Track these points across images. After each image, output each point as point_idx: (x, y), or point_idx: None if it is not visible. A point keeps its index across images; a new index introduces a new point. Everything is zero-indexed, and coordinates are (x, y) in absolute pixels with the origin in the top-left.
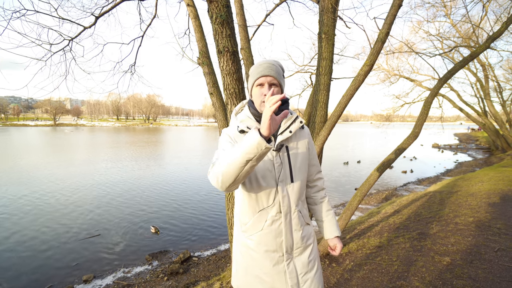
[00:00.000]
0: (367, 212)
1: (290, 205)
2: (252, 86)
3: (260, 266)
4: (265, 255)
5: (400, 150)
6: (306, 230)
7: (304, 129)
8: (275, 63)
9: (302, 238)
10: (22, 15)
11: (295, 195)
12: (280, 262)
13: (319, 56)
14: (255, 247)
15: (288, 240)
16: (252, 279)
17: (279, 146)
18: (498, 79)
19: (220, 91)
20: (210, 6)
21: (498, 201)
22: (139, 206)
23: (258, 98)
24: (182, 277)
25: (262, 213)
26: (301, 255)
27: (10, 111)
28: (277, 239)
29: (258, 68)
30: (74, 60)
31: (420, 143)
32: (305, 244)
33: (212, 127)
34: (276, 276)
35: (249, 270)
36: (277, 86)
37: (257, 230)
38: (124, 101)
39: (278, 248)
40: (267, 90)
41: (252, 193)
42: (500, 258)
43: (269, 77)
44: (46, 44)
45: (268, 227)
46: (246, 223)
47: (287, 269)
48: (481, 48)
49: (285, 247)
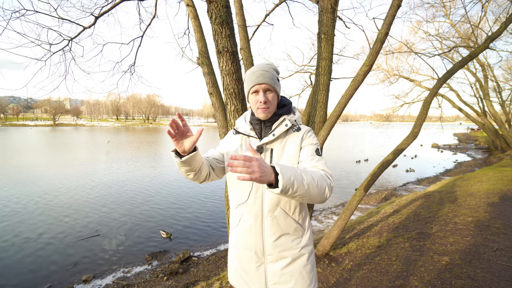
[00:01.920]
0: (366, 212)
1: (263, 209)
2: (248, 93)
3: (238, 259)
4: (241, 250)
5: (399, 150)
6: (284, 240)
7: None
8: (269, 69)
9: (276, 246)
10: (22, 15)
11: (271, 199)
12: (252, 261)
13: (319, 56)
14: (234, 241)
15: (257, 243)
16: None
17: (259, 148)
18: (497, 79)
19: (219, 91)
20: (210, 6)
21: (497, 201)
22: (138, 206)
23: (254, 104)
24: (181, 277)
25: (239, 208)
26: (274, 263)
27: (10, 111)
28: (248, 237)
29: (252, 76)
30: (73, 60)
31: (419, 143)
32: (279, 254)
33: (212, 127)
34: (249, 273)
35: (232, 263)
36: (272, 91)
37: (235, 224)
38: (124, 101)
39: (250, 246)
40: (262, 98)
41: (232, 187)
42: (498, 258)
43: (264, 85)
44: (45, 44)
45: (242, 223)
46: (231, 215)
47: (257, 271)
48: (480, 48)
49: (255, 249)
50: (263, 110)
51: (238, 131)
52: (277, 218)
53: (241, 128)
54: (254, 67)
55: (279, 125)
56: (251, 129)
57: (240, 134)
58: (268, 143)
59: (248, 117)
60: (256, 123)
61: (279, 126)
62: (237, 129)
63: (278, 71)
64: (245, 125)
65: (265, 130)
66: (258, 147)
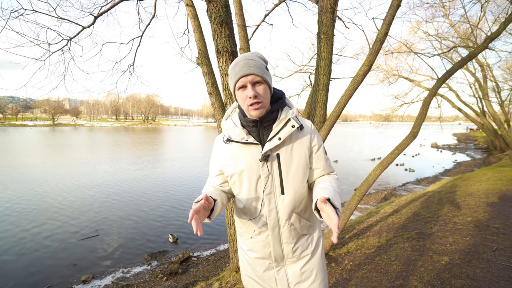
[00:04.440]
0: (366, 212)
1: (279, 219)
2: (234, 89)
3: (253, 269)
4: (256, 260)
5: (398, 150)
6: (301, 242)
7: (304, 129)
8: (254, 57)
9: (294, 251)
10: (21, 15)
11: (286, 208)
12: (270, 268)
13: (318, 56)
14: (248, 252)
15: (277, 251)
16: (249, 280)
17: (265, 157)
18: (497, 79)
19: (219, 91)
20: (209, 6)
21: (497, 201)
22: (138, 206)
23: (243, 102)
24: (181, 277)
25: (251, 222)
26: (294, 264)
27: (9, 111)
28: (265, 249)
29: (235, 68)
30: (72, 60)
31: (419, 143)
32: (299, 256)
33: (212, 127)
34: (268, 281)
35: (246, 271)
36: (262, 83)
37: (248, 237)
38: (123, 101)
39: (267, 256)
40: (251, 92)
41: (240, 203)
42: (498, 258)
43: (250, 76)
44: (44, 44)
45: (256, 236)
46: (240, 227)
47: (277, 276)
48: (480, 48)
49: (273, 256)
50: (255, 107)
51: (231, 139)
52: (293, 224)
53: (235, 135)
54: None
55: (284, 127)
56: (247, 134)
57: (233, 143)
58: (273, 148)
59: (237, 120)
60: (251, 125)
61: (284, 128)
62: (230, 138)
63: (266, 59)
64: (238, 130)
65: (264, 131)
66: (263, 155)
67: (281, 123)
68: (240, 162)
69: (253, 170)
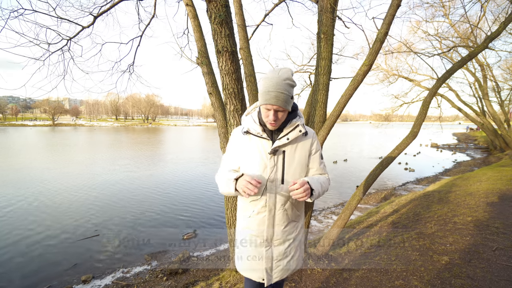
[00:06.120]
0: (366, 212)
1: (276, 203)
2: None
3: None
4: (252, 237)
5: (399, 150)
6: (290, 226)
7: (308, 135)
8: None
9: (284, 232)
10: (20, 15)
11: (284, 195)
12: (260, 246)
13: (318, 56)
14: (246, 230)
15: (269, 231)
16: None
17: (274, 151)
18: (496, 79)
19: (219, 91)
20: (209, 6)
21: (496, 201)
22: (138, 206)
23: (265, 116)
24: (181, 277)
25: (252, 203)
26: (280, 245)
27: (8, 111)
28: (260, 227)
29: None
30: (72, 59)
31: (419, 143)
32: (285, 238)
33: (211, 127)
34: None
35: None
36: (283, 112)
37: (246, 216)
38: (123, 101)
39: (260, 234)
40: (272, 117)
41: None
42: (498, 257)
43: (276, 106)
44: (44, 43)
45: (254, 215)
46: (241, 207)
47: (265, 254)
48: (480, 48)
49: (265, 235)
50: (272, 125)
51: (249, 132)
52: (287, 210)
53: (252, 129)
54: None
55: (293, 130)
56: (263, 131)
57: (250, 135)
58: (281, 146)
59: (256, 118)
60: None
61: (293, 131)
62: (249, 130)
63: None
64: (256, 126)
65: (276, 131)
66: (273, 149)
67: (291, 127)
68: (253, 151)
69: (262, 160)
